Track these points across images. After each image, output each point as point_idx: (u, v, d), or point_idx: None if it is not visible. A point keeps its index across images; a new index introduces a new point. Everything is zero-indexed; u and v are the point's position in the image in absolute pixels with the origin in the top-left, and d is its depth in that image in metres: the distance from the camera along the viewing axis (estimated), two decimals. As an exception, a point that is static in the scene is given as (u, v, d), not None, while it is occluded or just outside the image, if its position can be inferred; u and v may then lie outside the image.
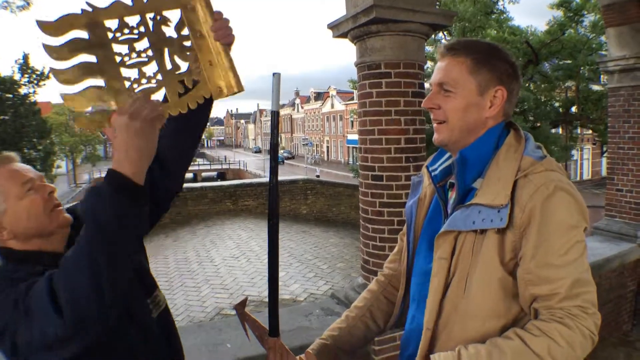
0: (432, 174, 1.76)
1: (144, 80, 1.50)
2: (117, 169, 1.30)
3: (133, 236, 1.36)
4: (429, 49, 21.13)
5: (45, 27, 1.38)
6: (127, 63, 1.49)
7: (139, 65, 1.50)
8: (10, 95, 31.95)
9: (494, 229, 1.46)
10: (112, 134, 1.34)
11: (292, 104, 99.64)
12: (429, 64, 20.20)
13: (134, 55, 1.49)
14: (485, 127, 1.61)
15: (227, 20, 1.62)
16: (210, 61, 1.61)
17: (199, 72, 1.60)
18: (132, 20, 1.51)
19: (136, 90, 1.48)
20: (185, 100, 1.56)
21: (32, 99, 33.98)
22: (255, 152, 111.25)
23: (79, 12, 1.42)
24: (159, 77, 1.54)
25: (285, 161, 78.36)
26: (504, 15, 24.93)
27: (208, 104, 1.75)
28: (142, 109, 1.33)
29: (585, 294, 1.39)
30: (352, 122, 67.29)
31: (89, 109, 1.44)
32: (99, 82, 1.44)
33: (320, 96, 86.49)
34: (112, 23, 1.47)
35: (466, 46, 1.62)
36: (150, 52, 1.52)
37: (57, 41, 1.39)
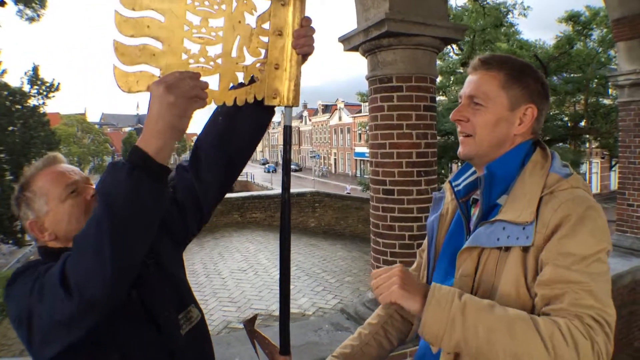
0: (455, 189, 1.73)
1: (202, 59, 1.44)
2: (141, 146, 1.25)
3: (146, 219, 1.28)
4: (439, 62, 21.20)
5: None
6: (194, 35, 1.43)
7: (204, 41, 1.44)
8: (20, 107, 32.14)
9: (519, 247, 1.42)
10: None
11: (300, 117, 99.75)
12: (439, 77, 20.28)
13: (203, 30, 1.43)
14: (513, 143, 1.58)
15: (312, 30, 1.59)
16: (278, 64, 1.57)
17: (261, 71, 1.56)
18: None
19: (190, 66, 1.42)
20: (234, 94, 1.51)
21: (41, 110, 34.17)
22: (263, 163, 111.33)
23: None
24: (219, 60, 1.47)
25: (292, 173, 78.26)
26: (513, 29, 24.98)
27: (264, 114, 1.71)
28: (181, 83, 1.27)
29: (602, 312, 1.29)
30: (359, 134, 67.33)
31: (136, 67, 1.37)
32: (158, 44, 1.38)
33: (328, 109, 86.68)
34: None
35: (500, 61, 1.60)
36: (220, 33, 1.46)
37: None
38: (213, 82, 1.45)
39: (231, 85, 1.50)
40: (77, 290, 1.22)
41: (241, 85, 1.52)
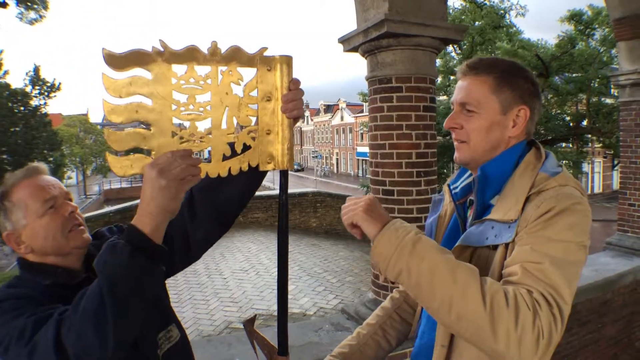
0: (453, 191, 1.74)
1: (192, 135, 1.44)
2: (137, 225, 1.29)
3: (145, 295, 1.33)
4: (438, 62, 21.15)
5: (111, 58, 1.32)
6: (182, 113, 1.43)
7: (193, 117, 1.45)
8: (22, 108, 32.21)
9: (503, 244, 1.44)
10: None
11: (302, 117, 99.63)
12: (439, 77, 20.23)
13: (191, 107, 1.43)
14: (508, 145, 1.59)
15: (301, 92, 1.60)
16: (269, 129, 1.57)
17: (252, 138, 1.56)
18: (202, 69, 1.46)
19: (181, 144, 1.41)
20: (228, 165, 1.51)
21: (43, 110, 34.24)
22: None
23: (149, 49, 1.37)
24: (209, 135, 1.47)
25: (294, 173, 78.41)
26: (514, 29, 24.95)
27: (255, 180, 1.77)
28: (173, 167, 1.30)
29: (557, 296, 1.25)
30: (361, 134, 67.36)
31: (125, 150, 1.41)
32: (146, 124, 1.40)
33: (329, 109, 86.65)
34: (179, 68, 1.42)
35: (488, 65, 1.59)
36: (208, 107, 1.46)
37: (118, 75, 1.34)
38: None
39: (224, 156, 1.50)
40: (74, 354, 1.28)
41: (234, 154, 1.53)
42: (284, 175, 1.65)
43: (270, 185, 52.79)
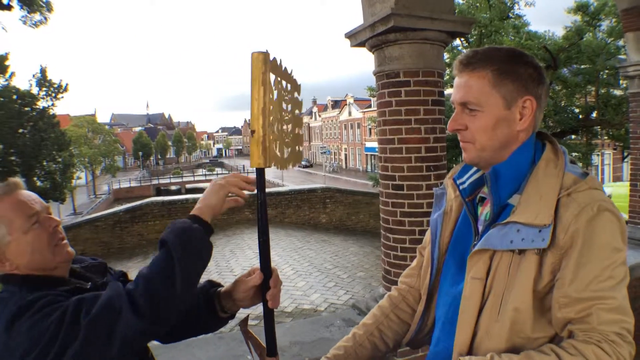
0: (460, 187, 1.66)
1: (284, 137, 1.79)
2: (196, 213, 1.62)
3: (203, 259, 1.57)
4: (446, 55, 21.07)
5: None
6: (285, 118, 1.78)
7: (287, 122, 1.81)
8: (29, 109, 32.33)
9: (534, 250, 1.37)
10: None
11: (310, 112, 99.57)
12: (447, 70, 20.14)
13: (287, 114, 1.80)
14: (518, 140, 1.50)
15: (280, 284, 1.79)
16: (254, 129, 1.70)
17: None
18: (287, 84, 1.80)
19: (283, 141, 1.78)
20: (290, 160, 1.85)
21: (51, 112, 34.36)
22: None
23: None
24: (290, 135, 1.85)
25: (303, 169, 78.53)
26: (521, 21, 24.79)
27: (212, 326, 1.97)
28: (232, 182, 1.68)
29: (624, 323, 1.30)
30: (370, 129, 67.18)
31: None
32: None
33: (337, 104, 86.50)
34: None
35: (484, 58, 1.49)
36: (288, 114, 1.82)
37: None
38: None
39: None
40: (153, 312, 1.42)
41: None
42: (259, 173, 1.67)
43: (278, 182, 52.84)
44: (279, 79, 1.71)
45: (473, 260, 1.48)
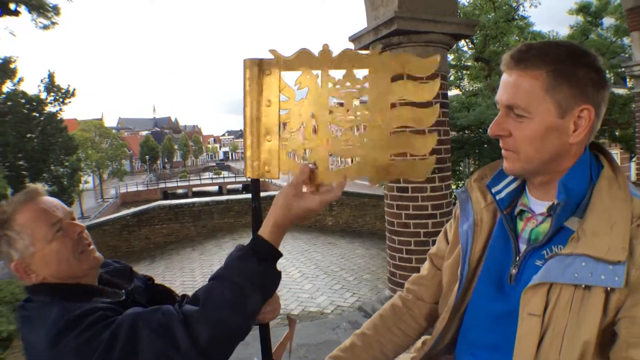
0: (497, 197, 1.48)
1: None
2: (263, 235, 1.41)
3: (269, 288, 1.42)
4: (450, 57, 21.07)
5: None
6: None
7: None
8: (37, 114, 32.54)
9: (603, 287, 1.19)
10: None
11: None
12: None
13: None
14: (570, 154, 1.31)
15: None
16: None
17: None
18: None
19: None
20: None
21: (59, 116, 34.57)
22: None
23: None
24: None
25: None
26: (525, 21, 24.76)
27: None
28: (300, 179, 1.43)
29: None
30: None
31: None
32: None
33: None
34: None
35: (540, 55, 1.27)
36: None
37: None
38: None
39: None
40: (214, 349, 1.35)
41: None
42: (253, 183, 1.57)
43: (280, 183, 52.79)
44: (317, 71, 1.44)
45: (529, 294, 1.29)
